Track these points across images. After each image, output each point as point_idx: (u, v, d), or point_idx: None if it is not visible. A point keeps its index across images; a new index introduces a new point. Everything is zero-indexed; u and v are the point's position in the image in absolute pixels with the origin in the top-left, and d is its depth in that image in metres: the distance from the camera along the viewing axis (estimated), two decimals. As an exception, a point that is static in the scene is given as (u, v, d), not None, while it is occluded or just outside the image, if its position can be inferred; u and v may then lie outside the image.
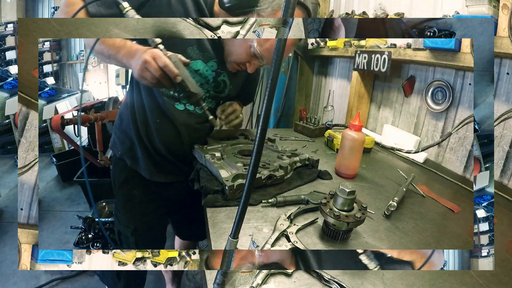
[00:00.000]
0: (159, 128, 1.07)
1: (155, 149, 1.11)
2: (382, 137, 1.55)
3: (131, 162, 1.13)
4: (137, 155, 1.12)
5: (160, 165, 1.13)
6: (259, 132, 0.46)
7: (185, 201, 1.28)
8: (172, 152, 1.12)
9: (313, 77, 2.43)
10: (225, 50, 1.01)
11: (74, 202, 2.63)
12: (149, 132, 1.08)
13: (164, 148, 1.10)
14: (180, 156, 1.14)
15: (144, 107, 1.06)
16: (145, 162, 1.11)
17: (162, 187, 1.18)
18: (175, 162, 1.14)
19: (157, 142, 1.09)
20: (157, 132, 1.08)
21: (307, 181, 1.01)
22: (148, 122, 1.07)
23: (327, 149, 1.43)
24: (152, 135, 1.09)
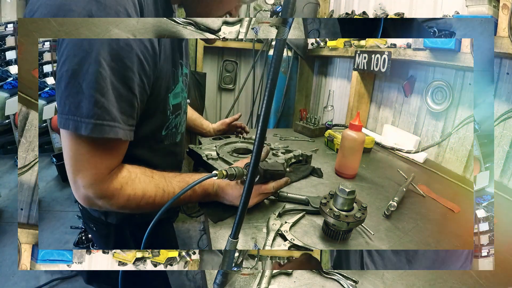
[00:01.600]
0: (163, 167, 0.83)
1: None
2: (382, 137, 1.55)
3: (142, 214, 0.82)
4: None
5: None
6: (259, 132, 0.46)
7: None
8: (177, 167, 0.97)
9: (313, 77, 2.43)
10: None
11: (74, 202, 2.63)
12: (160, 159, 0.84)
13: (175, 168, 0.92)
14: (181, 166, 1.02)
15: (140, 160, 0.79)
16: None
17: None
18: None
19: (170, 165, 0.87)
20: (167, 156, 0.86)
21: (301, 177, 1.03)
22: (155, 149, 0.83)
23: (327, 149, 1.43)
24: (162, 161, 0.84)
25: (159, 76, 0.65)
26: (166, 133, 0.79)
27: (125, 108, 0.56)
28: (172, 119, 0.78)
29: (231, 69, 2.49)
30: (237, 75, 2.53)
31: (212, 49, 2.35)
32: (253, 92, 2.40)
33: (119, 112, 0.54)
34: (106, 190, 0.60)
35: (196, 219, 2.46)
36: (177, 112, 0.79)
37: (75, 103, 0.51)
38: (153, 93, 0.65)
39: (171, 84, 0.72)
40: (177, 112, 0.79)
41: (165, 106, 0.72)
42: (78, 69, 0.50)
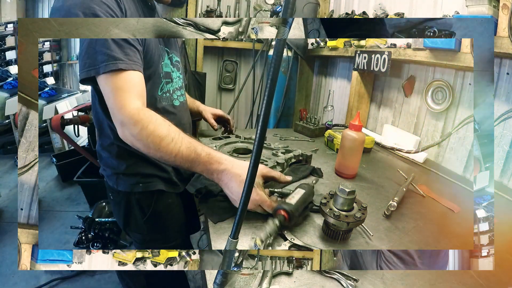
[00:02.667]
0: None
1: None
2: (382, 137, 1.55)
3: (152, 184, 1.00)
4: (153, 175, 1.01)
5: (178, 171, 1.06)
6: (259, 132, 0.46)
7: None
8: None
9: (313, 77, 2.43)
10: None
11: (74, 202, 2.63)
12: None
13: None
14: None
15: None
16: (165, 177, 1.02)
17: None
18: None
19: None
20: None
21: (301, 177, 1.03)
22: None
23: (327, 149, 1.43)
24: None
25: (149, 45, 0.89)
26: (161, 94, 0.98)
27: (127, 51, 0.79)
28: (164, 83, 0.98)
29: (231, 69, 2.49)
30: (237, 75, 2.53)
31: (212, 49, 2.35)
32: (253, 92, 2.40)
33: (122, 54, 0.78)
34: (135, 110, 0.77)
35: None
36: (167, 79, 0.99)
37: (93, 58, 0.78)
38: (148, 54, 0.89)
39: (161, 55, 0.97)
40: (167, 79, 1.00)
41: (158, 71, 0.95)
42: (90, 43, 0.78)
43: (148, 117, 0.78)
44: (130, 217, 1.04)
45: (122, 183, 1.00)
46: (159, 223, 1.07)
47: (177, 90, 1.06)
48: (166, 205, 1.07)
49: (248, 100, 2.58)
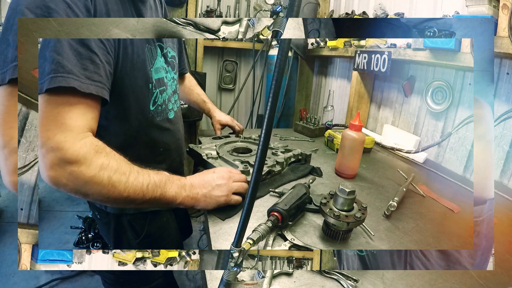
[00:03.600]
0: (167, 149, 0.91)
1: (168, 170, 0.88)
2: (382, 137, 1.55)
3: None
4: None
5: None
6: (263, 135, 0.45)
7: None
8: (179, 163, 1.02)
9: (313, 77, 2.43)
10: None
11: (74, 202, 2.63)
12: (158, 158, 0.91)
13: (175, 164, 0.98)
14: (183, 163, 1.07)
15: (137, 137, 0.83)
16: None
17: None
18: (172, 166, 1.01)
19: (169, 162, 0.94)
20: (166, 153, 0.92)
21: (300, 176, 1.04)
22: (155, 146, 0.88)
23: (327, 149, 1.43)
24: (161, 159, 0.91)
25: (126, 51, 0.70)
26: (154, 108, 0.82)
27: (86, 65, 0.59)
28: (157, 93, 0.81)
29: (231, 69, 2.49)
30: (237, 75, 2.53)
31: (212, 49, 2.35)
32: (253, 92, 2.40)
33: (78, 67, 0.58)
34: (78, 151, 0.56)
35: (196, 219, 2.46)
36: (161, 88, 0.82)
37: (42, 70, 0.56)
38: (125, 61, 0.69)
39: (148, 58, 0.77)
40: (161, 87, 0.83)
41: (147, 79, 0.77)
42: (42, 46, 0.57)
43: (104, 154, 0.61)
44: (122, 238, 0.94)
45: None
46: (154, 243, 0.99)
47: (172, 96, 0.91)
48: (161, 224, 1.00)
49: (248, 100, 2.58)
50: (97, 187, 0.59)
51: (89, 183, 0.58)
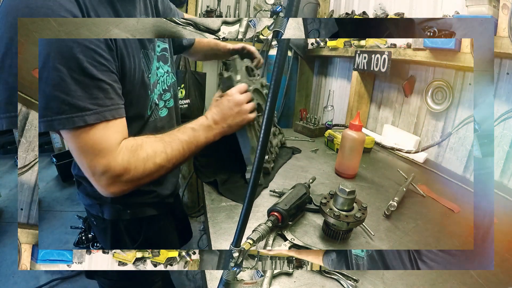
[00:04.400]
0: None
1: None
2: (382, 137, 1.55)
3: (142, 210, 0.91)
4: (141, 198, 0.89)
5: (169, 185, 0.97)
6: (262, 136, 0.45)
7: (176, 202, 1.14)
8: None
9: (313, 77, 2.43)
10: None
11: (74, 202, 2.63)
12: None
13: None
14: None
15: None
16: (153, 197, 0.91)
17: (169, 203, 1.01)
18: (175, 173, 1.02)
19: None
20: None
21: (286, 160, 1.18)
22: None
23: (327, 149, 1.43)
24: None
25: (125, 63, 0.69)
26: (150, 112, 0.83)
27: (95, 94, 0.60)
28: (152, 97, 0.82)
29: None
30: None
31: (212, 49, 2.34)
32: (253, 92, 2.40)
33: (89, 100, 0.59)
34: (122, 162, 0.63)
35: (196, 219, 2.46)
36: (154, 89, 0.83)
37: (47, 106, 0.58)
38: (125, 75, 0.69)
39: (145, 66, 0.76)
40: (155, 87, 0.83)
41: (145, 87, 0.77)
42: (41, 80, 0.57)
43: (139, 149, 0.66)
44: (119, 244, 0.93)
45: (107, 211, 0.88)
46: (152, 247, 0.92)
47: (164, 93, 0.88)
48: (157, 229, 0.98)
49: (248, 100, 2.58)
50: (150, 175, 0.69)
51: (143, 177, 0.67)
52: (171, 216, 1.07)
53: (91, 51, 0.60)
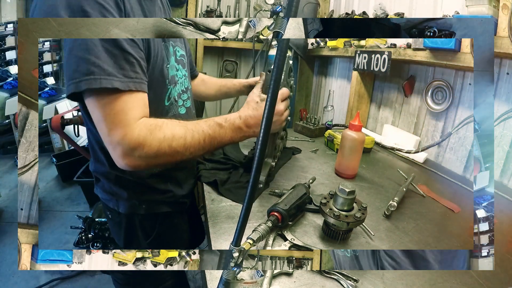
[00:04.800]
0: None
1: (180, 170, 0.96)
2: (382, 137, 1.55)
3: (156, 206, 0.93)
4: (155, 194, 0.91)
5: (184, 184, 0.98)
6: (262, 136, 0.45)
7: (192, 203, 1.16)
8: (191, 164, 1.02)
9: (313, 77, 2.43)
10: None
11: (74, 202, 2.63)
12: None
13: (186, 164, 0.97)
14: (195, 163, 1.06)
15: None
16: (168, 194, 0.93)
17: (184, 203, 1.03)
18: (191, 173, 1.04)
19: (179, 163, 0.91)
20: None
21: (286, 160, 1.17)
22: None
23: (327, 149, 1.43)
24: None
25: (150, 46, 0.74)
26: (169, 103, 0.85)
27: (123, 65, 0.64)
28: (171, 89, 0.85)
29: (231, 69, 2.49)
30: (237, 75, 2.53)
31: (212, 49, 2.34)
32: (253, 92, 2.40)
33: (117, 68, 0.63)
34: (137, 137, 0.65)
35: (196, 219, 2.46)
36: (173, 84, 0.86)
37: (76, 69, 0.62)
38: (149, 59, 0.74)
39: (165, 56, 0.81)
40: (174, 84, 0.87)
41: (163, 76, 0.81)
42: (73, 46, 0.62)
43: (158, 129, 0.68)
44: (132, 238, 0.96)
45: (123, 206, 0.91)
46: (163, 244, 0.97)
47: (182, 93, 0.92)
48: (171, 226, 1.00)
49: (248, 100, 2.58)
50: (164, 157, 0.69)
51: (156, 157, 0.68)
52: (186, 216, 1.08)
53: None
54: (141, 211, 0.91)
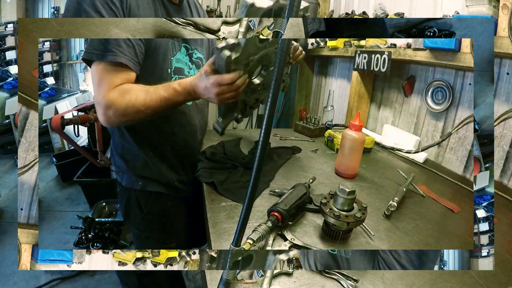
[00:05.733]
0: (177, 132, 1.03)
1: (177, 156, 1.06)
2: (382, 137, 1.55)
3: (151, 185, 1.04)
4: (158, 173, 1.03)
5: (181, 171, 1.09)
6: (263, 134, 0.45)
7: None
8: (190, 153, 1.10)
9: (313, 77, 2.43)
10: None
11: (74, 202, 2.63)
12: (167, 140, 1.02)
13: (184, 152, 1.07)
14: (195, 154, 1.13)
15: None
16: (169, 176, 1.05)
17: (184, 190, 1.12)
18: (190, 162, 1.11)
19: (177, 148, 1.05)
20: (175, 137, 1.03)
21: (286, 160, 1.17)
22: (163, 129, 1.01)
23: (327, 149, 1.43)
24: (169, 142, 1.03)
25: (151, 42, 0.88)
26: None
27: (121, 44, 0.80)
28: (176, 79, 0.96)
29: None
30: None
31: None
32: (253, 92, 2.40)
33: (115, 46, 0.78)
34: (110, 98, 0.81)
35: (196, 219, 2.46)
36: (180, 76, 0.98)
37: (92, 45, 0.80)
38: (148, 50, 0.88)
39: (170, 50, 0.94)
40: (181, 75, 0.98)
41: (167, 64, 0.94)
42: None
43: (127, 93, 0.81)
44: (130, 211, 1.10)
45: (125, 179, 1.06)
46: (155, 223, 1.11)
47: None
48: (163, 207, 1.10)
49: (248, 100, 2.58)
50: (129, 115, 0.83)
51: (124, 115, 0.83)
52: (183, 204, 1.15)
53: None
54: (137, 186, 1.04)
